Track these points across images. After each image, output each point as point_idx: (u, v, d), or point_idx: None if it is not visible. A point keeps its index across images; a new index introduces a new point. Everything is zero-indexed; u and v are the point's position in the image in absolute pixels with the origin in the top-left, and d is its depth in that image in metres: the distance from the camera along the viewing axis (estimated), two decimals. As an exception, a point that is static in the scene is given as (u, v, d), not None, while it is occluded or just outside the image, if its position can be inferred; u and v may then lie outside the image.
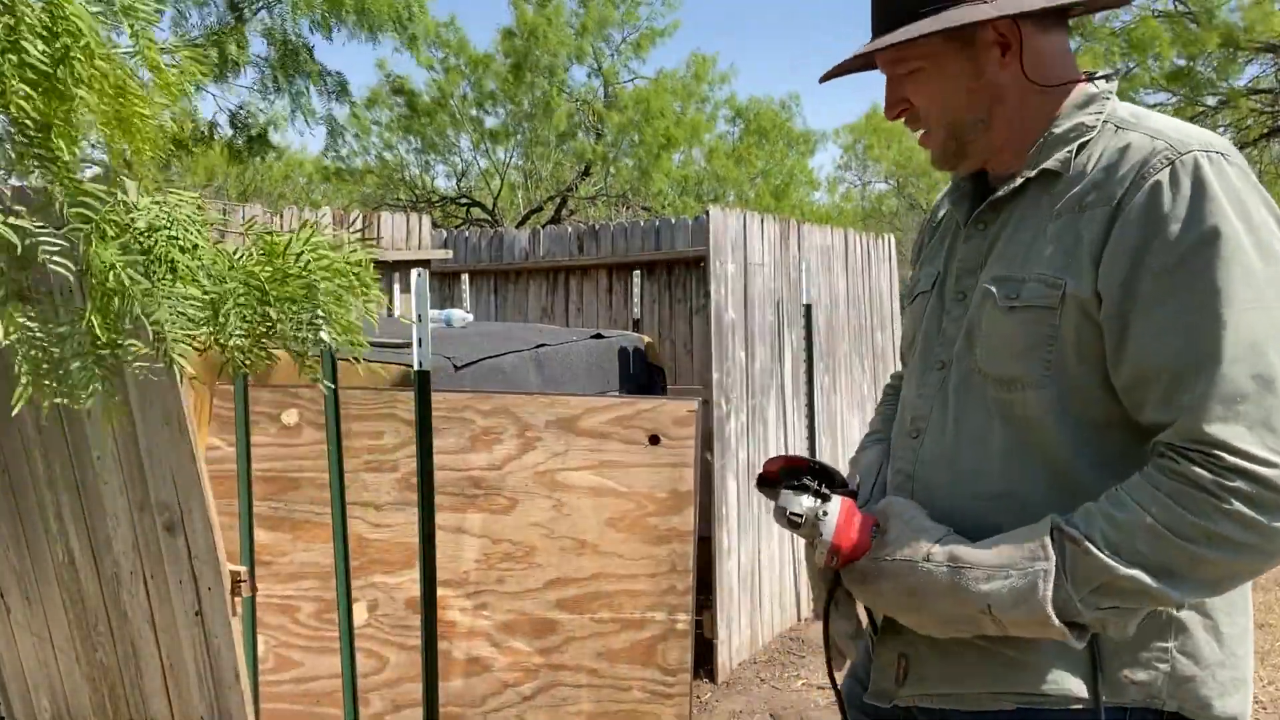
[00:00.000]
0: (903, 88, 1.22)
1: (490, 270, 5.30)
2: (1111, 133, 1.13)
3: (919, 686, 1.19)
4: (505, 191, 14.09)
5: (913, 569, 1.09)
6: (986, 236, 1.20)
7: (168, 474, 1.85)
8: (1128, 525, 1.00)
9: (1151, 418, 1.03)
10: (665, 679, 2.53)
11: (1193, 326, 0.99)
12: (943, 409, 1.20)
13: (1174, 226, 1.01)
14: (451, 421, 2.57)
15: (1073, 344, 1.08)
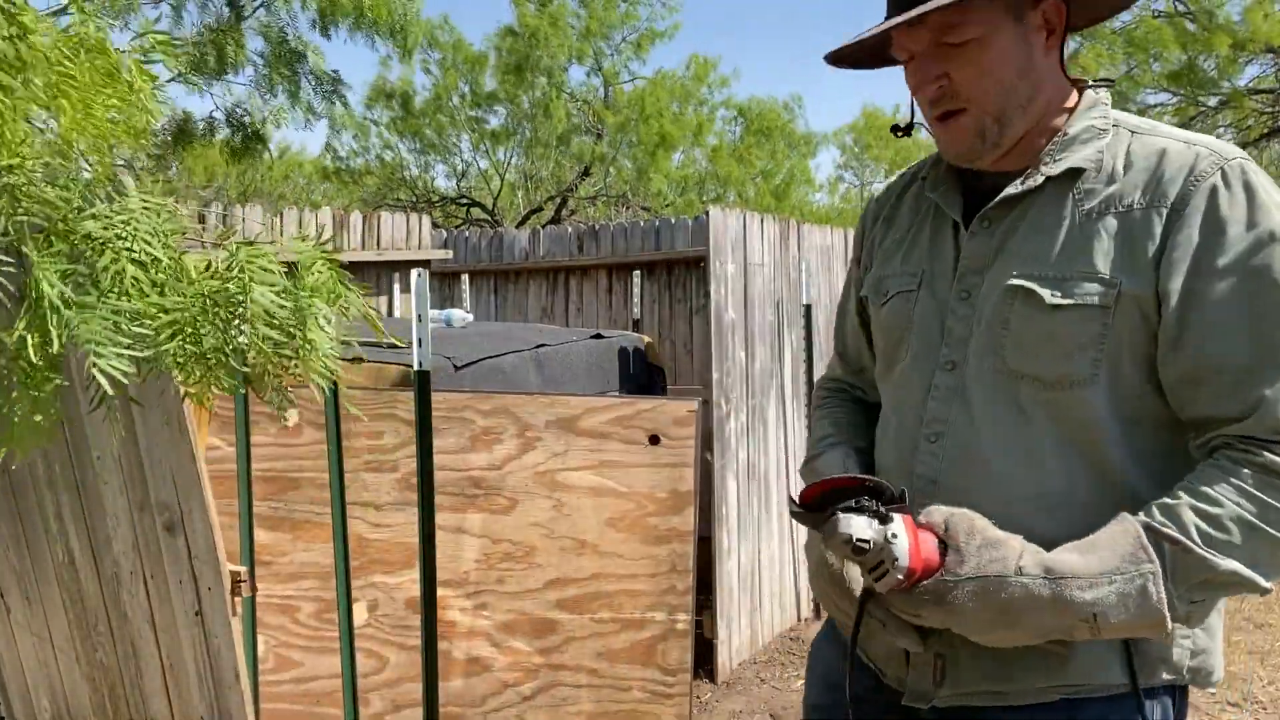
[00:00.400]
0: (945, 61, 1.14)
1: (490, 270, 5.30)
2: (1127, 136, 1.15)
3: (960, 685, 1.18)
4: (505, 192, 14.09)
5: (1003, 584, 1.02)
6: (994, 234, 1.18)
7: (168, 474, 1.85)
8: (1221, 520, 1.02)
9: (1211, 411, 1.06)
10: (665, 679, 2.52)
11: (1261, 322, 1.03)
12: (965, 410, 1.17)
13: (1235, 229, 1.05)
14: (451, 421, 2.57)
15: (1125, 342, 1.09)
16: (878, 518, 1.05)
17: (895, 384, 1.28)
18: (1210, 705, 3.65)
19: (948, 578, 1.03)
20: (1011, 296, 1.14)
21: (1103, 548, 1.03)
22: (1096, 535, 1.04)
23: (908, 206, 1.34)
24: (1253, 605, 4.77)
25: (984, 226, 1.19)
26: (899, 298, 1.27)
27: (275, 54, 8.07)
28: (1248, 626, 4.48)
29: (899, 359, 1.27)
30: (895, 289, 1.28)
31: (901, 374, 1.26)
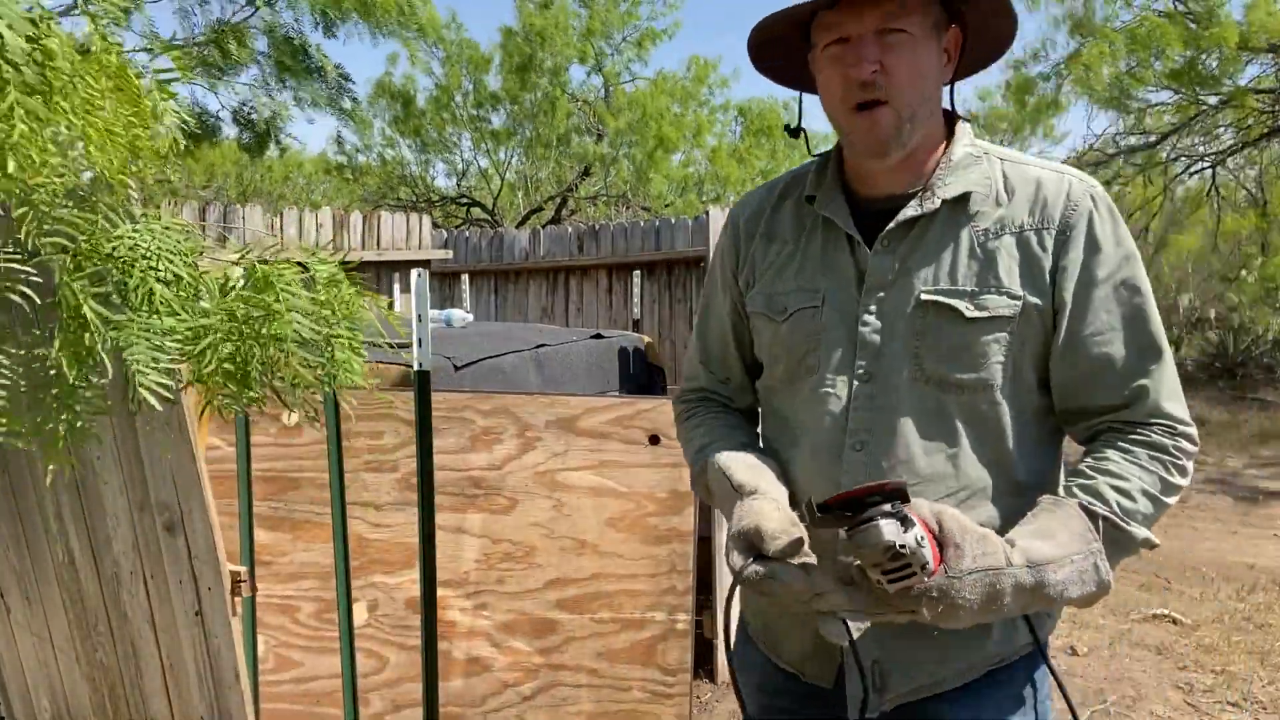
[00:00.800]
0: (883, 51, 1.20)
1: (490, 270, 5.30)
2: (998, 164, 1.29)
3: (902, 684, 1.28)
4: (505, 192, 14.09)
5: (999, 576, 1.08)
6: (895, 252, 1.27)
7: (168, 474, 1.85)
8: (1131, 493, 1.17)
9: (1101, 402, 1.23)
10: (665, 679, 2.52)
11: (1136, 324, 1.23)
12: (887, 418, 1.25)
13: (1108, 246, 1.23)
14: (451, 421, 2.57)
15: (1026, 348, 1.23)
16: (901, 521, 1.05)
17: (807, 397, 1.32)
18: (1210, 705, 3.65)
19: (951, 574, 1.07)
20: (925, 310, 1.24)
21: (1059, 532, 1.13)
22: (1047, 520, 1.15)
23: (787, 222, 1.39)
24: (1252, 605, 4.77)
25: (885, 245, 1.27)
26: (801, 314, 1.32)
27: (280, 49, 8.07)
28: (1248, 626, 4.48)
29: (806, 373, 1.32)
30: (796, 305, 1.33)
31: (813, 388, 1.31)
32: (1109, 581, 1.13)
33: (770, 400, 1.41)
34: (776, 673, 1.41)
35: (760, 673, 1.44)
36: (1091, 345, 1.22)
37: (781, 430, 1.37)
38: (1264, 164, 12.64)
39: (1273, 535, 6.27)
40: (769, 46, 1.33)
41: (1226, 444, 9.37)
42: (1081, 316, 1.22)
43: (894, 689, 1.27)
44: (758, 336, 1.40)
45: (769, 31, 1.29)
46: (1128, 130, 11.88)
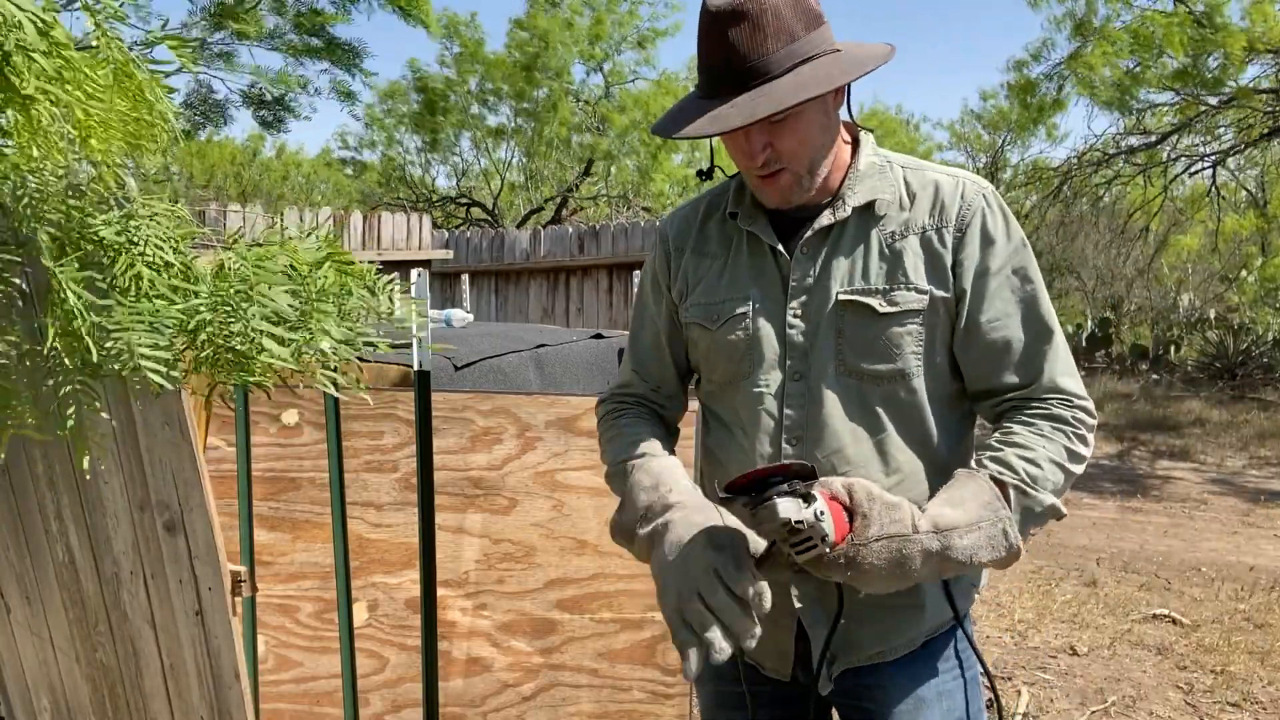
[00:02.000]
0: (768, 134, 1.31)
1: (491, 270, 5.30)
2: (899, 170, 1.42)
3: (852, 656, 1.42)
4: (506, 192, 14.08)
5: (905, 542, 1.16)
6: (814, 258, 1.39)
7: (168, 474, 1.85)
8: (1039, 461, 1.27)
9: (1004, 380, 1.35)
10: (665, 679, 2.52)
11: (1029, 309, 1.35)
12: (818, 411, 1.36)
13: (1001, 240, 1.36)
14: (451, 421, 2.57)
15: (937, 337, 1.36)
16: (803, 498, 1.12)
17: (744, 397, 1.43)
18: (1210, 705, 3.65)
19: (858, 541, 1.15)
20: (843, 309, 1.36)
21: (969, 500, 1.22)
22: (959, 490, 1.24)
23: (714, 236, 1.50)
24: (1253, 605, 4.77)
25: (805, 253, 1.39)
26: (734, 320, 1.43)
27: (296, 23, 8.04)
28: (1248, 626, 4.48)
29: (743, 374, 1.42)
30: (728, 313, 1.43)
31: (752, 387, 1.41)
32: (1019, 547, 1.22)
33: (710, 405, 1.52)
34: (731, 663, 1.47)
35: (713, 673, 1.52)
36: (991, 330, 1.34)
37: (723, 432, 1.48)
38: (1264, 165, 12.65)
39: (1273, 535, 6.27)
40: None
41: (1226, 444, 9.37)
42: (980, 305, 1.35)
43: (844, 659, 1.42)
44: (694, 346, 1.50)
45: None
46: (1128, 130, 11.88)
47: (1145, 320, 15.33)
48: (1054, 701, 3.66)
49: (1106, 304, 15.03)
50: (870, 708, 1.44)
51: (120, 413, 1.84)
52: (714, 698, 1.57)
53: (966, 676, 1.47)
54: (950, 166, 1.44)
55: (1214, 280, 15.02)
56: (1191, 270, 15.42)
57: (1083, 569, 5.39)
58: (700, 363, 1.51)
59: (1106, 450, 9.25)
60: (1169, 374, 13.32)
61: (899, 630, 1.42)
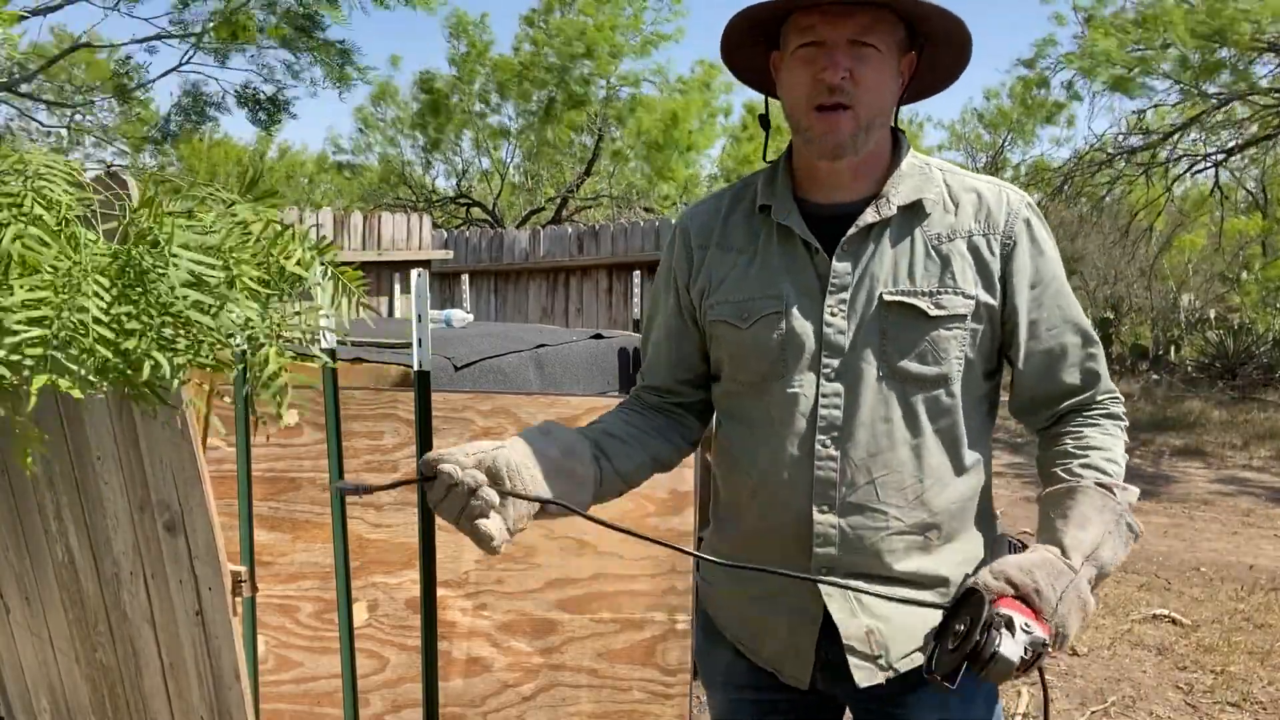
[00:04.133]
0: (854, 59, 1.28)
1: (490, 270, 5.30)
2: (939, 175, 1.40)
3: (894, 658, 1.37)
4: (506, 192, 14.08)
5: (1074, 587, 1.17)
6: (856, 256, 1.36)
7: (168, 474, 1.85)
8: (1118, 460, 1.34)
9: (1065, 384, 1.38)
10: (665, 679, 2.53)
11: (1076, 315, 1.39)
12: (855, 412, 1.34)
13: (1049, 250, 1.39)
14: (451, 421, 2.57)
15: (976, 343, 1.36)
16: (1006, 627, 1.10)
17: (776, 398, 1.38)
18: (1210, 705, 3.65)
19: (1051, 619, 1.14)
20: (888, 310, 1.33)
21: (1092, 516, 1.25)
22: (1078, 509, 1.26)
23: (739, 231, 1.45)
24: (1252, 605, 4.77)
25: (846, 249, 1.36)
26: (766, 319, 1.38)
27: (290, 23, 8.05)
28: (1248, 626, 4.48)
29: (777, 374, 1.38)
30: (760, 311, 1.39)
31: (784, 386, 1.37)
32: (1140, 530, 1.29)
33: (732, 405, 1.46)
34: (748, 668, 1.46)
35: (726, 667, 1.49)
36: (1050, 338, 1.37)
37: (747, 433, 1.42)
38: (1265, 165, 12.63)
39: (1273, 535, 6.27)
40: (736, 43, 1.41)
41: (1227, 444, 9.37)
42: (1038, 314, 1.37)
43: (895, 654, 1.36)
44: (719, 344, 1.44)
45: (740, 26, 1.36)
46: (1130, 129, 11.87)
47: (1145, 320, 15.32)
48: (1054, 701, 3.66)
49: (1107, 304, 15.03)
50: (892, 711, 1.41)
51: (120, 413, 1.85)
52: (726, 705, 1.53)
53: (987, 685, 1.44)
54: (986, 175, 1.45)
55: (1215, 280, 15.00)
56: (1193, 270, 15.41)
57: (1083, 569, 5.38)
58: (725, 362, 1.45)
59: (1107, 450, 9.24)
60: (1169, 374, 13.31)
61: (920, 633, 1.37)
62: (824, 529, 1.34)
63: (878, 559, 1.34)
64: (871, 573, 1.33)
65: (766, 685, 1.45)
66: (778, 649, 1.42)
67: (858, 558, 1.34)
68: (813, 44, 1.29)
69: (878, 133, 1.34)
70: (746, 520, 1.42)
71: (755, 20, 1.34)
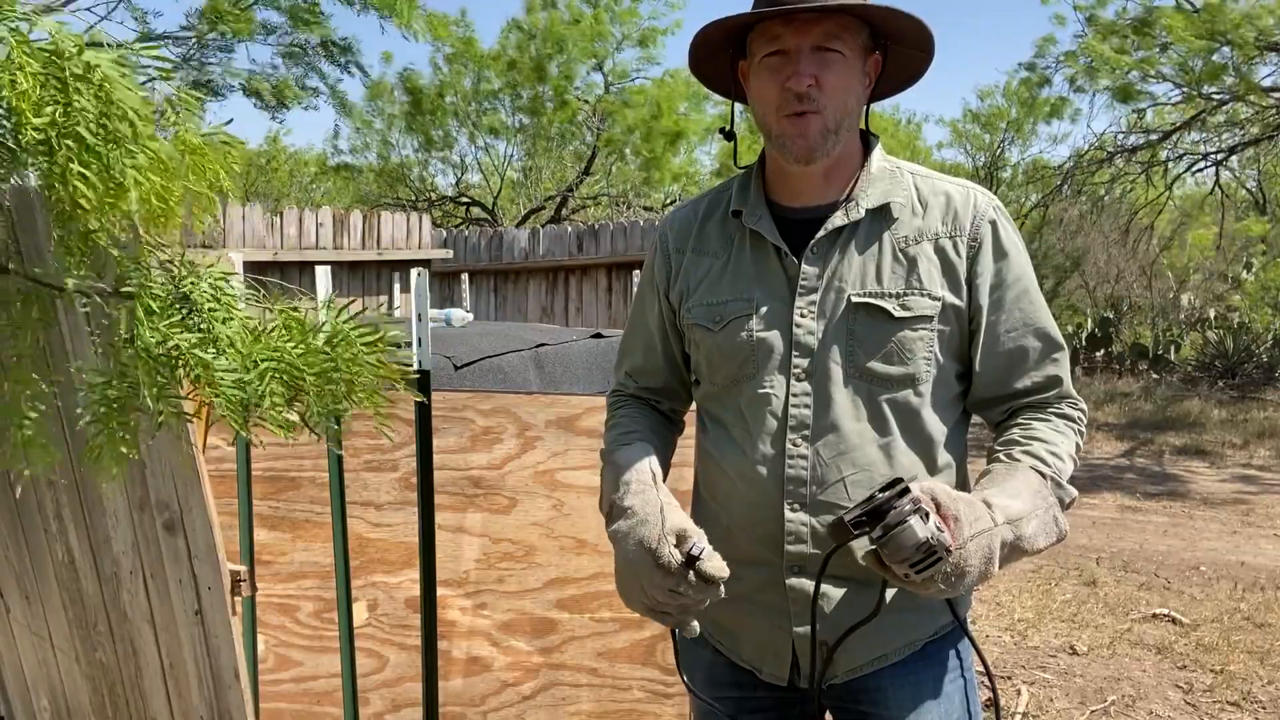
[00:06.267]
0: (819, 66, 1.31)
1: (490, 270, 5.30)
2: (909, 177, 1.42)
3: (850, 661, 1.40)
4: (505, 191, 14.08)
5: (990, 536, 1.18)
6: (825, 258, 1.38)
7: (168, 473, 1.85)
8: (1063, 456, 1.34)
9: (1020, 385, 1.40)
10: (665, 679, 2.53)
11: (1039, 319, 1.40)
12: (825, 410, 1.36)
13: (1013, 253, 1.40)
14: (451, 421, 2.57)
15: (945, 343, 1.38)
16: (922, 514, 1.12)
17: (748, 399, 1.41)
18: (1210, 705, 3.65)
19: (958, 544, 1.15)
20: (855, 311, 1.36)
21: (1023, 490, 1.27)
22: (1011, 482, 1.28)
23: (715, 236, 1.49)
24: (1252, 605, 4.77)
25: (815, 253, 1.39)
26: (736, 321, 1.42)
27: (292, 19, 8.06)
28: (1247, 626, 4.48)
29: (747, 375, 1.41)
30: (731, 314, 1.44)
31: (754, 389, 1.40)
32: (1066, 530, 1.30)
33: (710, 407, 1.49)
34: (728, 667, 1.48)
35: (708, 667, 1.51)
36: (1009, 340, 1.39)
37: (723, 434, 1.45)
38: (1261, 165, 12.63)
39: (1273, 535, 6.27)
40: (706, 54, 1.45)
41: (1227, 443, 9.37)
42: (999, 315, 1.38)
43: (841, 666, 1.41)
44: (696, 348, 1.49)
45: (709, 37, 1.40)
46: (1130, 128, 11.87)
47: (1145, 320, 15.32)
48: (1054, 701, 3.66)
49: (1108, 303, 15.03)
50: (869, 710, 1.43)
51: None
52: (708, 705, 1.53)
53: (966, 678, 1.47)
54: (956, 178, 1.46)
55: (1215, 280, 15.01)
56: (1193, 270, 15.41)
57: (1082, 568, 5.38)
58: (702, 364, 1.49)
59: (1106, 450, 9.24)
60: (1169, 374, 13.31)
61: (900, 633, 1.41)
62: (795, 526, 1.36)
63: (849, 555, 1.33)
64: (843, 570, 1.34)
65: (747, 683, 1.47)
66: (755, 648, 1.45)
67: None
68: (779, 52, 1.33)
69: (846, 136, 1.37)
70: (722, 519, 1.45)
71: (724, 30, 1.38)
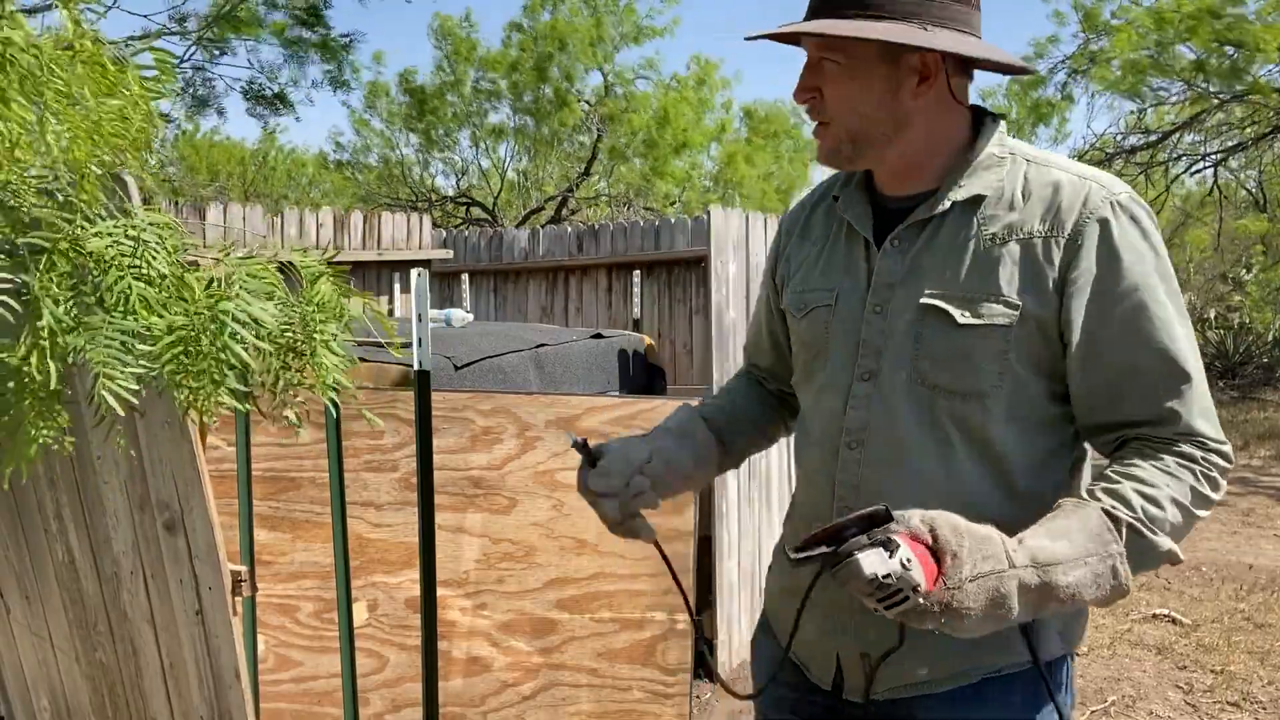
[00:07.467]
0: (819, 76, 1.27)
1: (490, 270, 5.31)
2: (1024, 165, 1.27)
3: (892, 681, 1.28)
4: (505, 191, 14.08)
5: (1001, 579, 1.05)
6: (905, 254, 1.28)
7: (168, 473, 1.85)
8: (1161, 501, 1.13)
9: (1125, 417, 1.20)
10: (665, 679, 2.52)
11: (1158, 337, 1.17)
12: (882, 418, 1.27)
13: (1129, 257, 1.18)
14: (451, 421, 2.57)
15: (1024, 357, 1.21)
16: (884, 546, 1.02)
17: (815, 394, 1.36)
18: (1210, 705, 3.65)
19: (950, 584, 1.03)
20: (923, 313, 1.24)
21: (1075, 532, 1.10)
22: (1063, 520, 1.12)
23: (820, 222, 1.44)
24: (1252, 605, 4.77)
25: (895, 246, 1.29)
26: (817, 311, 1.36)
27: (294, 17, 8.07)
28: (1248, 626, 4.48)
29: (818, 369, 1.36)
30: (813, 304, 1.37)
31: (821, 384, 1.35)
32: (1128, 586, 1.10)
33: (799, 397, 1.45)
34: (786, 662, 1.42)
35: (770, 658, 1.47)
36: (1113, 360, 1.18)
37: (801, 428, 1.42)
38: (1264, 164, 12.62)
39: (1273, 535, 6.27)
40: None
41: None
42: (1098, 330, 1.18)
43: (885, 683, 1.29)
44: (791, 333, 1.45)
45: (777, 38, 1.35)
46: (1129, 129, 11.87)
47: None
48: None
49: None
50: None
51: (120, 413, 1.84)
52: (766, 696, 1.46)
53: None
54: (1086, 166, 1.27)
55: (1215, 280, 15.00)
56: (1193, 270, 15.41)
57: (1083, 569, 5.39)
58: (792, 351, 1.45)
59: (1107, 450, 9.24)
60: (1169, 374, 13.28)
61: (947, 658, 1.25)
62: None
63: None
64: None
65: (801, 682, 1.41)
66: (806, 646, 1.38)
67: None
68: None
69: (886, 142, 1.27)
70: (794, 512, 1.44)
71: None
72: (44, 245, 1.00)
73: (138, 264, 1.01)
